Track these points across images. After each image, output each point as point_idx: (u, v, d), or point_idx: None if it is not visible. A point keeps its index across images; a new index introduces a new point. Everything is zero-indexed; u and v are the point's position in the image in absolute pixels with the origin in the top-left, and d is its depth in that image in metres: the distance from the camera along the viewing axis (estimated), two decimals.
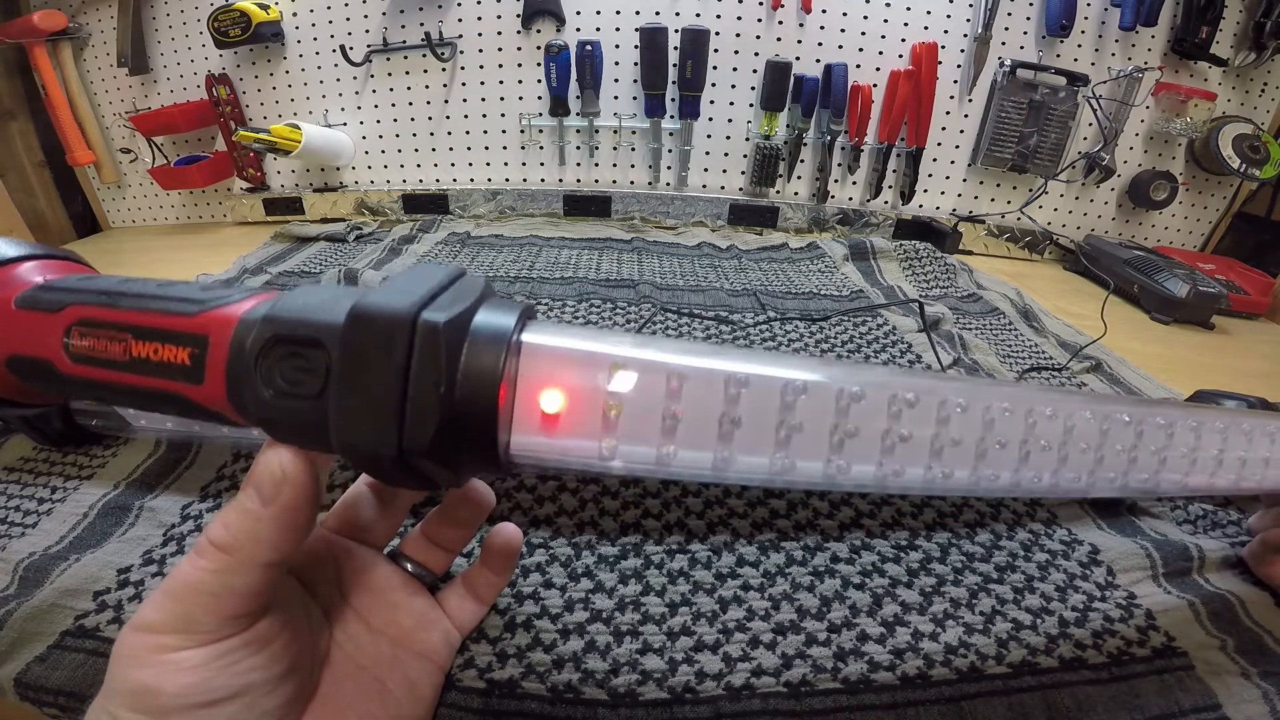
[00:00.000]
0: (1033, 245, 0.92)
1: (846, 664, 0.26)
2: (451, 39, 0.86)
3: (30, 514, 0.32)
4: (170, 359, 0.19)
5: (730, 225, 0.92)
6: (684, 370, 0.19)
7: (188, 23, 0.88)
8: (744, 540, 0.33)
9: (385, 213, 0.94)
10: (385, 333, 0.16)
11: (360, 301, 0.16)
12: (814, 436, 0.20)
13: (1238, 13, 0.85)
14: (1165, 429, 0.24)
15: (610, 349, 0.20)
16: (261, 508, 0.17)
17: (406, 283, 0.18)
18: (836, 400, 0.20)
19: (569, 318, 0.57)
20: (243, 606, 0.18)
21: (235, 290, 0.20)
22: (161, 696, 0.17)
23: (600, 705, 0.25)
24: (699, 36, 0.81)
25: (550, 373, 0.19)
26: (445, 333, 0.16)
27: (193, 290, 0.20)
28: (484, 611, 0.26)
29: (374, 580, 0.24)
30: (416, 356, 0.16)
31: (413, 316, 0.16)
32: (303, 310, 0.17)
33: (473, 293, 0.18)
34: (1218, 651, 0.28)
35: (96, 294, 0.21)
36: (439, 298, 0.18)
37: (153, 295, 0.20)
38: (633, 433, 0.19)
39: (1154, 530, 0.34)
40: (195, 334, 0.19)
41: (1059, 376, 0.53)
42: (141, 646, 0.17)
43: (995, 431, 0.21)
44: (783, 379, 0.20)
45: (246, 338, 0.18)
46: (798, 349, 0.53)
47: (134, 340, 0.20)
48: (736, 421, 0.19)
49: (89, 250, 0.89)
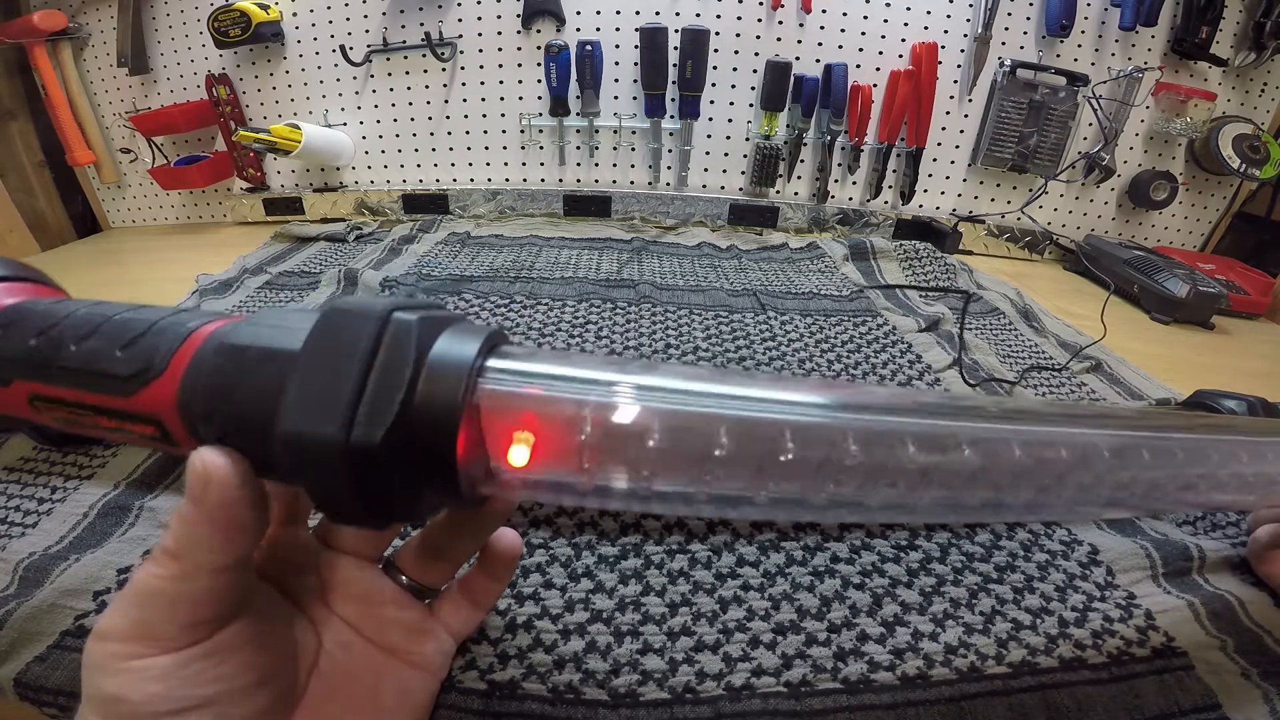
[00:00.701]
0: (1033, 245, 0.92)
1: (846, 664, 0.26)
2: (451, 39, 0.86)
3: (30, 514, 0.32)
4: (142, 431, 0.18)
5: (730, 225, 0.92)
6: (666, 397, 0.18)
7: (188, 23, 0.88)
8: (744, 540, 0.33)
9: (385, 213, 0.94)
10: (356, 324, 0.16)
11: (336, 301, 0.16)
12: (803, 469, 0.17)
13: (1238, 13, 0.85)
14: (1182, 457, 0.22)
15: (583, 373, 0.18)
16: (192, 509, 0.17)
17: (328, 366, 0.16)
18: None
19: (569, 317, 0.57)
20: (199, 613, 0.17)
21: (157, 340, 0.18)
22: (126, 705, 0.16)
23: (601, 705, 0.25)
24: (699, 36, 0.81)
25: (520, 405, 0.17)
26: (418, 328, 0.16)
27: (110, 356, 0.18)
28: (481, 617, 0.25)
29: (362, 593, 0.23)
30: (384, 350, 0.16)
31: (387, 312, 0.16)
32: (241, 400, 0.16)
33: (441, 319, 0.18)
34: (1218, 652, 0.28)
35: (30, 368, 0.18)
36: (367, 387, 0.16)
37: (80, 369, 0.18)
38: (610, 464, 0.17)
39: (1154, 530, 0.35)
40: (144, 414, 0.18)
41: (1059, 376, 0.53)
42: (104, 655, 0.17)
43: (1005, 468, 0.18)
44: (775, 422, 0.18)
45: (193, 419, 0.17)
46: (798, 349, 0.53)
47: (98, 418, 0.18)
48: (720, 454, 0.17)
49: (89, 250, 0.90)
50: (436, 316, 0.17)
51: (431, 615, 0.24)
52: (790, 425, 0.18)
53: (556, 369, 0.18)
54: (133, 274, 0.78)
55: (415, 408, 0.16)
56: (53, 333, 0.19)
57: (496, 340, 0.18)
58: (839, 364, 0.51)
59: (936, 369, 0.51)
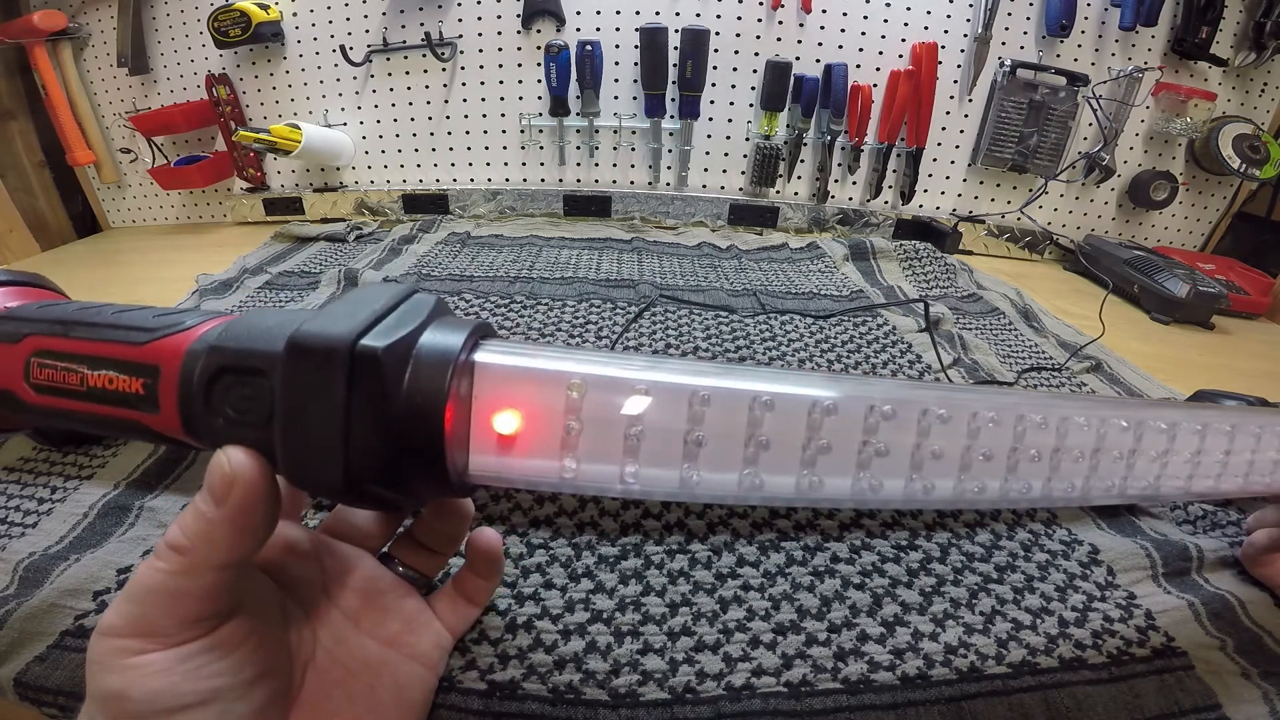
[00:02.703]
0: (1033, 245, 0.92)
1: (846, 664, 0.26)
2: (451, 39, 0.86)
3: (30, 514, 0.32)
4: (125, 389, 0.19)
5: (730, 225, 0.92)
6: (648, 385, 0.18)
7: (188, 23, 0.88)
8: (744, 540, 0.33)
9: (385, 213, 0.94)
10: (323, 363, 0.16)
11: (299, 330, 0.16)
12: (786, 452, 0.19)
13: (1238, 13, 0.85)
14: (1168, 433, 0.23)
15: (569, 366, 0.19)
16: (214, 509, 0.17)
17: (349, 306, 0.17)
18: (809, 414, 0.19)
19: (569, 317, 0.57)
20: (200, 609, 0.17)
21: (188, 316, 0.20)
22: (129, 702, 0.16)
23: (601, 706, 0.25)
24: (699, 36, 0.81)
25: (505, 392, 0.18)
26: (386, 359, 0.16)
27: (145, 318, 0.20)
28: (476, 614, 0.26)
29: (361, 582, 0.23)
30: (357, 386, 0.16)
31: (350, 344, 0.16)
32: (246, 339, 0.17)
33: (420, 313, 0.18)
34: (1217, 652, 0.28)
35: (51, 323, 0.21)
36: (385, 319, 0.17)
37: (106, 324, 0.20)
38: (593, 452, 0.18)
39: (1154, 530, 0.34)
40: (146, 364, 0.19)
41: (1058, 376, 0.53)
42: (106, 651, 0.17)
43: (980, 441, 0.21)
44: (751, 391, 0.19)
45: (194, 367, 0.18)
46: (798, 348, 0.53)
47: (89, 371, 0.20)
48: (700, 440, 0.18)
49: (89, 250, 0.90)
50: (404, 332, 0.17)
51: (429, 609, 0.25)
52: (762, 397, 0.19)
53: (540, 361, 0.19)
54: (133, 274, 0.78)
55: (402, 428, 0.16)
56: (96, 306, 0.21)
57: (480, 332, 0.19)
58: (839, 364, 0.51)
59: (936, 369, 0.51)
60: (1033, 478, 0.22)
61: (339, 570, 0.23)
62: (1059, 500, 0.23)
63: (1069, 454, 0.22)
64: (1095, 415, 0.22)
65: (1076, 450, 0.22)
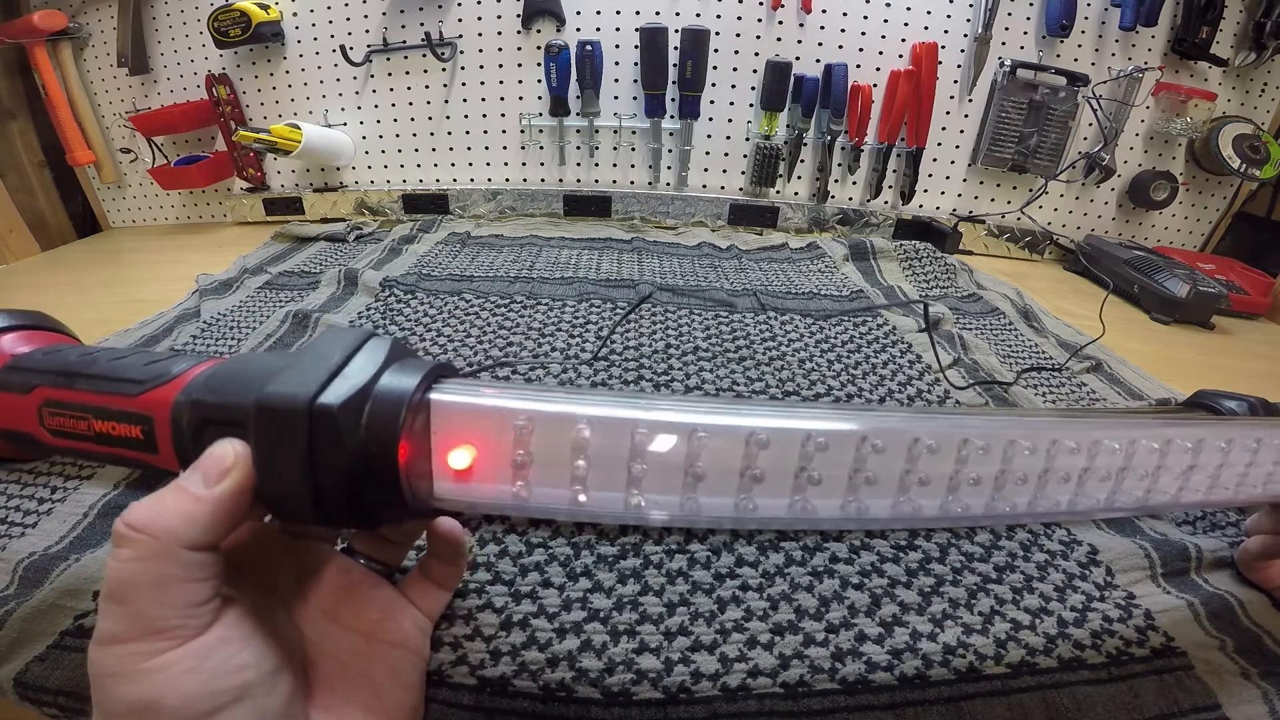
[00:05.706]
0: (1033, 245, 0.92)
1: (844, 664, 0.26)
2: (451, 39, 0.86)
3: (30, 514, 0.32)
4: (127, 434, 0.22)
5: (730, 225, 0.92)
6: (590, 419, 0.20)
7: (188, 23, 0.88)
8: (743, 540, 0.32)
9: (385, 213, 0.94)
10: (287, 420, 0.18)
11: (264, 392, 0.18)
12: (722, 478, 0.20)
13: (1238, 13, 0.85)
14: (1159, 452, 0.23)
15: (516, 404, 0.20)
16: (203, 489, 0.18)
17: (311, 360, 0.19)
18: (745, 445, 0.20)
19: (569, 317, 0.57)
20: (189, 593, 0.17)
21: (175, 363, 0.22)
22: (164, 711, 0.16)
23: (593, 704, 0.25)
24: (699, 36, 0.81)
25: (458, 427, 0.20)
26: (340, 414, 0.18)
27: (136, 368, 0.22)
28: (448, 597, 0.27)
29: (334, 575, 0.23)
30: (318, 440, 0.18)
31: (309, 404, 0.18)
32: (224, 393, 0.19)
33: (377, 358, 0.20)
34: (1217, 652, 0.28)
35: (56, 375, 0.23)
36: (344, 369, 0.19)
37: (102, 375, 0.22)
38: (543, 479, 0.20)
39: (1153, 530, 0.34)
40: (141, 414, 0.21)
41: (1058, 376, 0.53)
42: (118, 660, 0.16)
43: (970, 467, 0.21)
44: (689, 424, 0.20)
45: (182, 418, 0.20)
46: (798, 348, 0.53)
47: (94, 419, 0.22)
48: (641, 471, 0.20)
49: (89, 250, 0.90)
50: (360, 383, 0.19)
51: (402, 595, 0.25)
52: (698, 431, 0.20)
53: (486, 398, 0.21)
54: (133, 274, 0.78)
55: (362, 469, 0.19)
56: (92, 354, 0.24)
57: (437, 373, 0.21)
58: (839, 364, 0.51)
59: (936, 369, 0.51)
60: (1018, 497, 0.22)
61: (310, 565, 0.23)
62: (1044, 518, 0.23)
63: (1056, 475, 0.22)
64: (1086, 437, 0.22)
65: (1063, 471, 0.22)
